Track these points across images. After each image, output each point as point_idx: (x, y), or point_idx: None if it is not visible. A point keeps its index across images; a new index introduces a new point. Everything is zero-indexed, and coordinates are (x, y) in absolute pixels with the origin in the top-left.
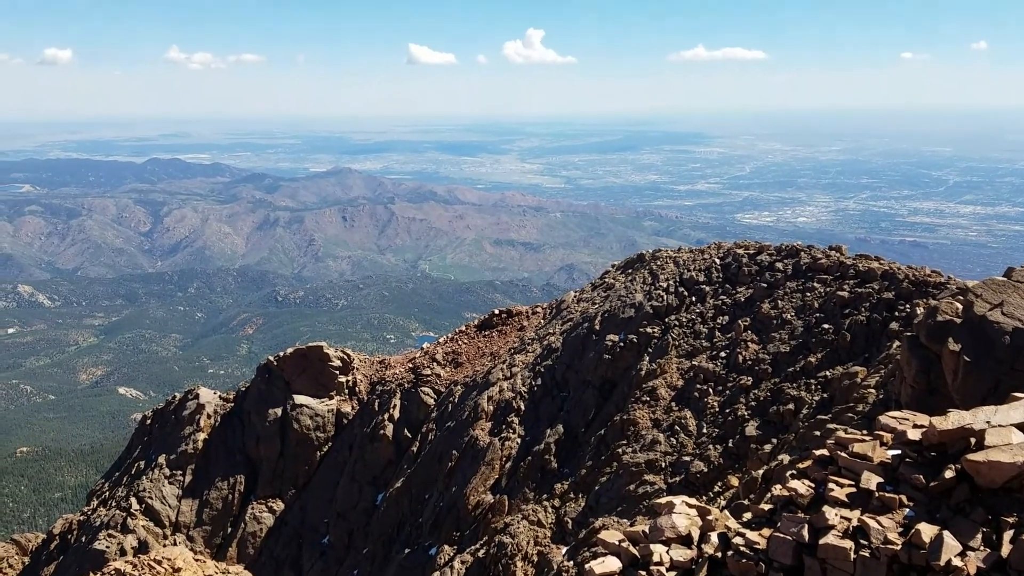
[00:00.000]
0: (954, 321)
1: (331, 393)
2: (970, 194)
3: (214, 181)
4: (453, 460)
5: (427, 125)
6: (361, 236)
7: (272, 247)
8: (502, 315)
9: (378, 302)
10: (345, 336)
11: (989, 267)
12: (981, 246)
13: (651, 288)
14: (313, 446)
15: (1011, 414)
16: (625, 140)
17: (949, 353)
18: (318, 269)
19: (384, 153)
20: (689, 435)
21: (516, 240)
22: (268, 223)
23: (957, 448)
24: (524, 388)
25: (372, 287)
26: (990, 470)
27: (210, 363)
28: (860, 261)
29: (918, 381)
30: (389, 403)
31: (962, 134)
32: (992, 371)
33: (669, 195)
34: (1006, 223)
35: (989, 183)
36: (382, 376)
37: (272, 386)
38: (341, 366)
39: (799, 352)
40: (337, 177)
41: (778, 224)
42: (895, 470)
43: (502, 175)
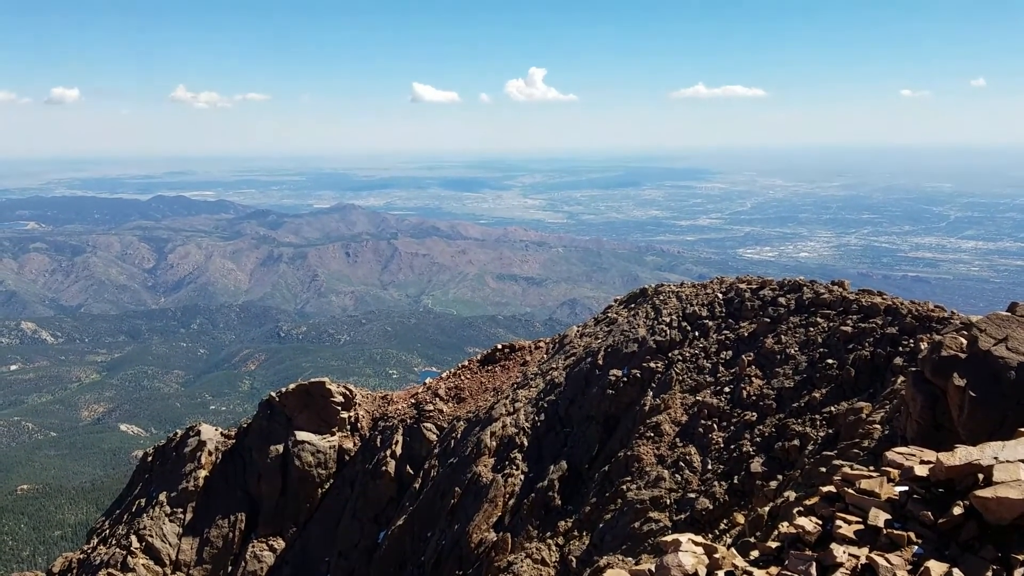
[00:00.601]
0: (959, 356)
1: (333, 429)
2: (971, 229)
3: (218, 218)
4: (456, 497)
5: (430, 161)
6: (364, 271)
7: (275, 283)
8: (505, 350)
9: (381, 337)
10: (347, 371)
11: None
12: (984, 281)
13: (654, 323)
14: (315, 483)
15: (1019, 449)
16: (626, 176)
17: (954, 388)
18: (321, 305)
19: (387, 189)
20: (694, 471)
21: (519, 275)
22: (271, 259)
23: (965, 484)
24: (527, 423)
25: (375, 322)
26: (999, 506)
27: (212, 399)
28: (863, 296)
29: (924, 416)
30: (391, 439)
31: (962, 170)
32: (998, 406)
33: (671, 230)
34: (1008, 258)
35: (990, 218)
36: (384, 412)
37: (274, 422)
38: (343, 402)
39: (803, 387)
40: (340, 213)
41: (780, 259)
42: (903, 507)
43: (504, 210)
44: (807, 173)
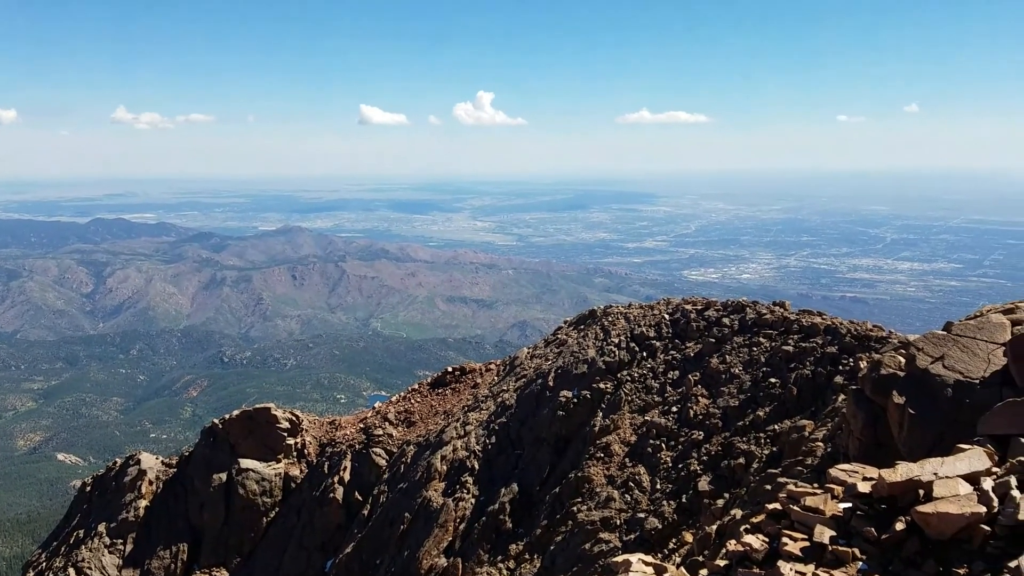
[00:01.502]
0: (897, 374)
1: (279, 456)
2: (907, 251)
3: (159, 241)
4: (405, 523)
5: (379, 183)
6: (311, 295)
7: (218, 307)
8: (455, 372)
9: (328, 361)
10: (294, 397)
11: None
12: (919, 301)
13: (603, 344)
14: (259, 512)
15: (957, 465)
16: (575, 199)
17: (894, 406)
18: (266, 329)
19: (335, 212)
20: (643, 491)
21: (469, 297)
22: (214, 283)
23: (906, 500)
24: (478, 446)
25: (322, 346)
26: (939, 521)
27: (152, 427)
28: (803, 316)
29: (865, 434)
30: (339, 465)
31: (897, 193)
32: (936, 423)
33: (618, 252)
34: (942, 279)
35: (925, 240)
36: (332, 437)
37: (217, 450)
38: (289, 428)
39: (748, 406)
40: (286, 236)
41: (723, 280)
42: (847, 523)
43: (454, 233)
44: (748, 197)
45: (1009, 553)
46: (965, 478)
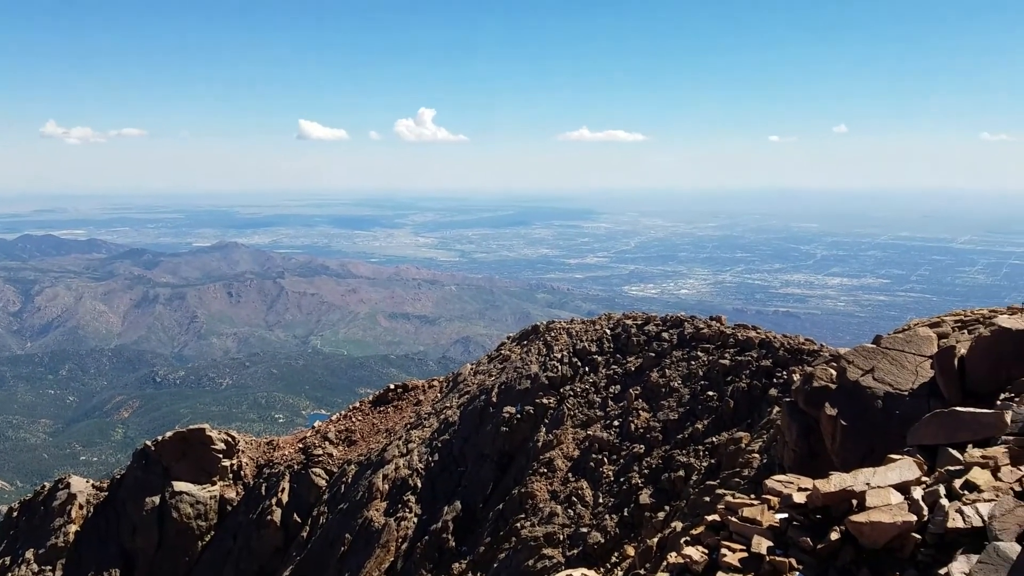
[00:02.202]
0: (829, 387)
1: (214, 478)
2: (837, 267)
3: (90, 258)
4: (346, 544)
5: (318, 199)
6: (248, 312)
7: (151, 325)
8: (398, 390)
9: (266, 380)
10: (230, 417)
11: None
12: (849, 315)
13: (546, 359)
14: (194, 536)
15: (888, 475)
16: (517, 215)
17: (826, 418)
18: (201, 348)
19: (273, 227)
20: (586, 506)
21: (411, 313)
22: (147, 300)
23: (841, 510)
24: (421, 465)
25: (259, 364)
26: (872, 531)
27: (82, 450)
28: (739, 330)
29: (799, 445)
30: (277, 486)
31: (826, 211)
32: (867, 434)
33: (560, 268)
34: (871, 293)
35: (854, 256)
36: (270, 458)
37: (149, 473)
38: (225, 449)
39: (687, 419)
40: (222, 252)
41: (662, 296)
42: (784, 533)
43: (396, 249)
44: (685, 214)
45: (939, 561)
46: (896, 488)
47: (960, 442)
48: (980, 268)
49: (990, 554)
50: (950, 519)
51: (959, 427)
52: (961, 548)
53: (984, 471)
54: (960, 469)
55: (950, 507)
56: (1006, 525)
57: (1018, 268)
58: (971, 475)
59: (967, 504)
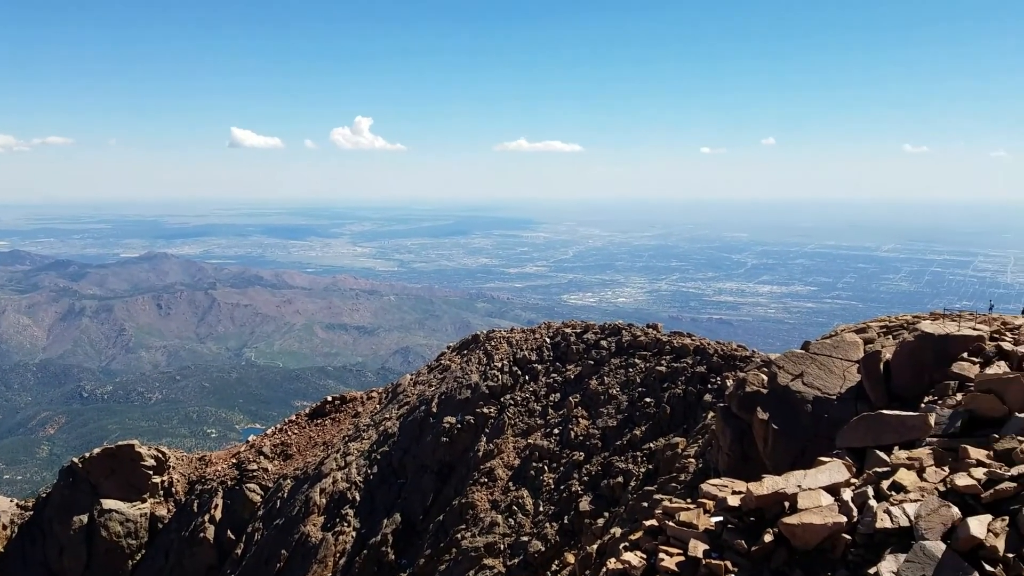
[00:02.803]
0: (761, 392)
1: (144, 495)
2: (766, 275)
3: (13, 270)
4: (282, 560)
5: (252, 208)
6: (178, 324)
7: (77, 339)
8: (335, 402)
9: (197, 394)
10: (160, 432)
11: (787, 341)
12: (779, 322)
13: (486, 368)
14: (124, 555)
15: (819, 477)
16: (456, 225)
17: (758, 422)
18: (129, 361)
19: (204, 237)
20: (527, 514)
21: (349, 324)
22: (73, 313)
23: (773, 512)
24: (359, 477)
25: (191, 378)
26: (804, 532)
27: (6, 468)
28: (675, 338)
29: (733, 449)
30: (210, 503)
31: (756, 221)
32: (798, 438)
33: (500, 277)
34: (799, 301)
35: (783, 265)
36: (202, 474)
37: (77, 490)
38: (155, 465)
39: (625, 426)
40: (151, 263)
41: (600, 304)
42: (719, 536)
43: (333, 259)
44: (622, 224)
45: (868, 560)
46: (826, 489)
47: (886, 444)
48: (903, 275)
49: (917, 553)
50: (878, 519)
51: (885, 430)
52: (889, 548)
53: (910, 472)
54: (887, 471)
55: (878, 508)
56: (931, 524)
57: (939, 275)
58: (898, 476)
59: (894, 504)
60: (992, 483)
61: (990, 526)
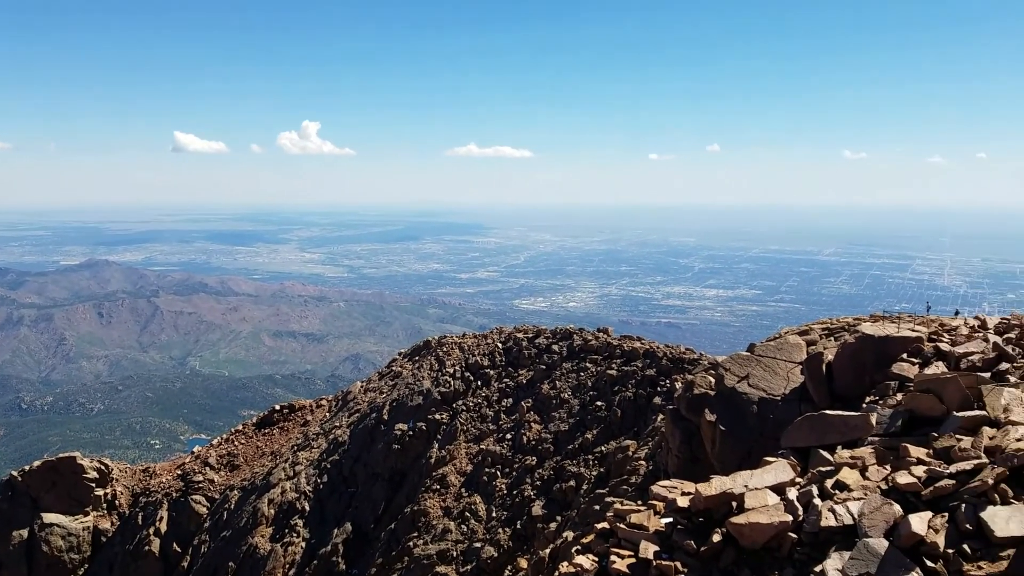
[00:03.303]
0: (708, 394)
1: (87, 509)
2: (713, 279)
3: None
4: (230, 573)
5: (196, 214)
6: (120, 333)
7: (15, 348)
8: (283, 411)
9: (141, 404)
10: (102, 444)
11: (733, 343)
12: (725, 325)
13: (438, 374)
14: (67, 569)
15: (765, 477)
16: (407, 230)
17: (706, 423)
18: (69, 371)
19: (147, 244)
20: (479, 520)
21: (298, 331)
22: (11, 322)
23: (722, 512)
24: (309, 487)
25: (133, 388)
26: (752, 531)
27: None
28: (625, 341)
29: (682, 451)
30: (155, 515)
31: (703, 226)
32: (744, 438)
33: (451, 283)
34: (745, 304)
35: (728, 269)
36: (146, 486)
37: (16, 504)
38: (98, 478)
39: (577, 429)
40: (92, 270)
41: (552, 309)
42: (669, 538)
43: (281, 265)
44: (572, 229)
45: (814, 558)
46: (772, 489)
47: (830, 444)
48: (844, 279)
49: (861, 550)
50: (823, 518)
51: (828, 429)
52: (834, 545)
53: (853, 471)
54: (831, 470)
55: (823, 506)
56: (875, 522)
57: (879, 278)
58: (841, 475)
59: (838, 503)
60: (932, 481)
61: (930, 523)
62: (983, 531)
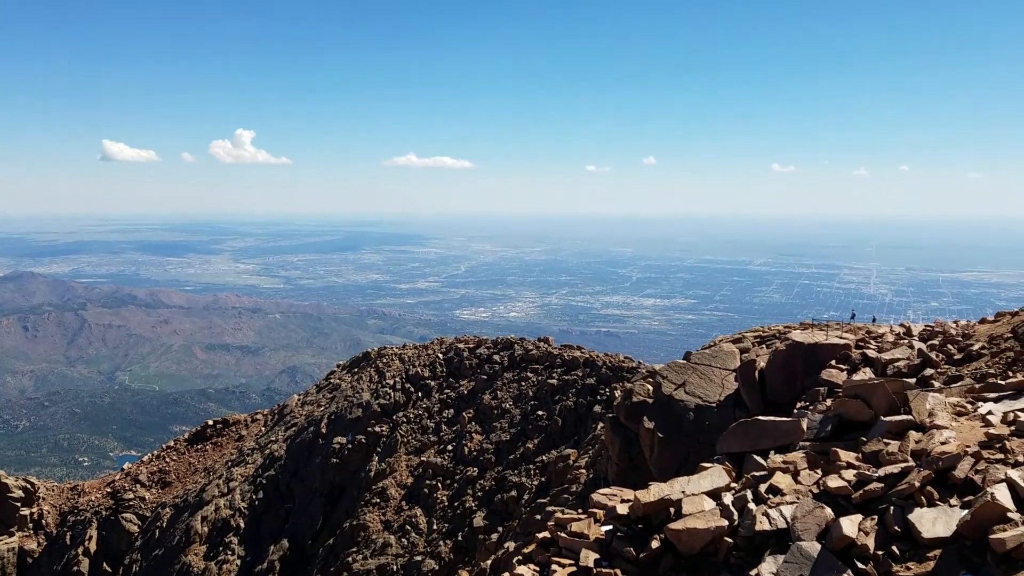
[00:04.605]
0: (647, 401)
1: (12, 529)
2: (650, 288)
3: None
4: None
5: (125, 224)
6: (46, 347)
7: None
8: (217, 425)
9: (68, 420)
10: (28, 462)
11: (670, 351)
12: (662, 333)
13: (378, 386)
14: None
15: (701, 483)
16: (345, 240)
17: (645, 430)
18: None
19: (74, 255)
20: (420, 533)
21: (232, 344)
22: None
23: (660, 519)
24: (244, 504)
25: (60, 404)
26: (689, 537)
27: None
28: (565, 351)
29: (621, 458)
30: (84, 534)
31: (640, 237)
32: (682, 444)
33: (391, 294)
34: (681, 313)
35: (665, 279)
36: (74, 504)
37: None
38: (23, 497)
39: (518, 439)
40: (16, 282)
41: (493, 319)
42: (609, 545)
43: (214, 276)
44: (512, 239)
45: (749, 562)
46: (709, 494)
47: (763, 449)
48: (775, 288)
49: (794, 554)
50: (758, 522)
51: (762, 435)
52: (769, 549)
53: (786, 475)
54: (764, 474)
55: (757, 511)
56: (807, 525)
57: (808, 287)
58: (775, 480)
59: (772, 507)
60: (861, 484)
61: (861, 525)
62: (911, 533)
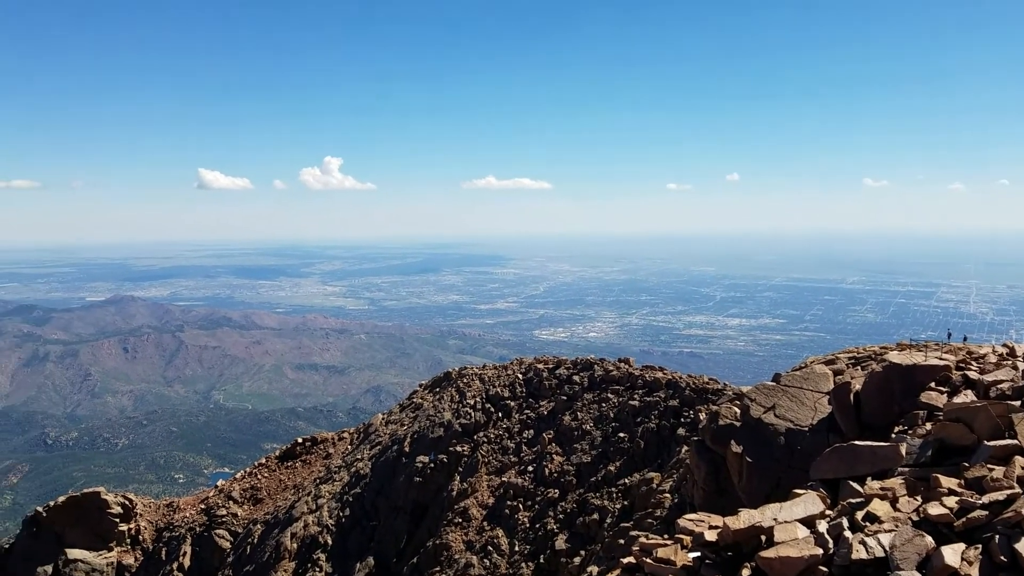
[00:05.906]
0: (734, 424)
1: (110, 544)
2: (735, 308)
3: None
4: None
5: (220, 249)
6: (145, 368)
7: (41, 384)
8: (306, 443)
9: (165, 439)
10: (127, 479)
11: (758, 373)
12: (749, 355)
13: (459, 406)
14: None
15: (794, 510)
16: (426, 262)
17: (733, 455)
18: (95, 406)
19: (171, 279)
20: (502, 554)
21: (319, 364)
22: (37, 358)
23: (751, 546)
24: (331, 521)
25: (158, 423)
26: (782, 566)
27: None
28: (647, 371)
29: (708, 483)
30: (178, 550)
31: (722, 255)
32: (772, 470)
33: (471, 314)
34: (768, 333)
35: (750, 298)
36: (170, 521)
37: (41, 540)
38: (122, 513)
39: (600, 461)
40: (117, 306)
41: (572, 339)
42: (697, 572)
43: (303, 298)
44: (591, 259)
45: None
46: (802, 522)
47: (859, 475)
48: (869, 307)
49: None
50: (854, 551)
51: (858, 460)
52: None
53: (883, 503)
54: (861, 501)
55: (853, 539)
56: (906, 554)
57: (904, 307)
58: (872, 507)
59: (869, 535)
60: (964, 512)
61: (964, 555)
62: (1017, 562)
